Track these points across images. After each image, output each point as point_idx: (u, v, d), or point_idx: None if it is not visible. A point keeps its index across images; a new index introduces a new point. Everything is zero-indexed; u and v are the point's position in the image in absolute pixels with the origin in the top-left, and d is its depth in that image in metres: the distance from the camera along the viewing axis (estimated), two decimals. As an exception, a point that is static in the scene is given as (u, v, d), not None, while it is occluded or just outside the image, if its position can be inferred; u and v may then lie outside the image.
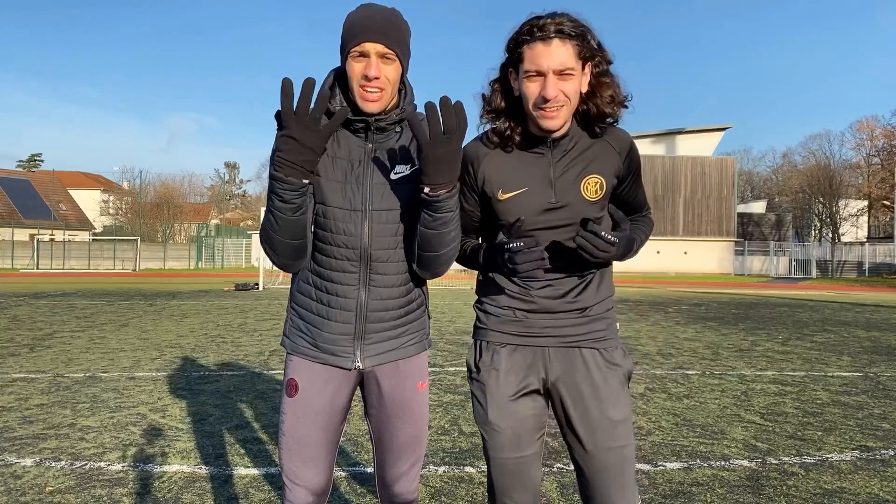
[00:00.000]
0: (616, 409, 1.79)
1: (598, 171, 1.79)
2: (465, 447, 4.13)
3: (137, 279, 27.58)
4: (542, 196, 1.78)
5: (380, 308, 1.83)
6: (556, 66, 1.66)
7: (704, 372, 6.87)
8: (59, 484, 3.41)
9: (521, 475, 1.83)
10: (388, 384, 1.88)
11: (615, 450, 1.78)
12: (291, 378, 1.86)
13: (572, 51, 1.67)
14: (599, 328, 1.85)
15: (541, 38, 1.66)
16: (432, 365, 7.01)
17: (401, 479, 1.91)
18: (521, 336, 1.84)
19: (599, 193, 1.80)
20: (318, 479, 1.86)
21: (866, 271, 40.83)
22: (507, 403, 1.82)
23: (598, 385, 1.80)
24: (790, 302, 18.07)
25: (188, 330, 9.84)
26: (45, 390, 5.62)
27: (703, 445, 4.21)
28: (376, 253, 1.79)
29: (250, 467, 3.71)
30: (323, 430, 1.85)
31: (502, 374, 1.83)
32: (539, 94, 1.68)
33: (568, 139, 1.80)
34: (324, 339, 1.83)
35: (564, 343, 1.82)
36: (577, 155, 1.80)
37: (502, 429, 1.82)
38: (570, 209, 1.78)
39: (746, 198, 66.73)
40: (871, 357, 8.09)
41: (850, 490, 3.45)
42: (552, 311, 1.81)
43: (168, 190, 64.19)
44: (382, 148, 1.81)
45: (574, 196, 1.78)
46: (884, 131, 53.63)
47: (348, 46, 1.70)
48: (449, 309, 13.89)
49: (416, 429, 1.90)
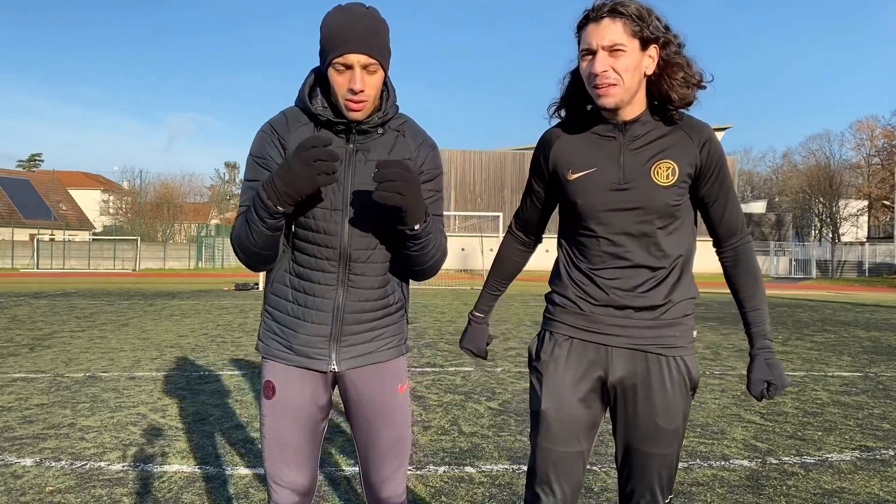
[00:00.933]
0: (668, 419, 1.77)
1: (671, 158, 1.76)
2: (465, 447, 4.13)
3: (137, 279, 27.58)
4: (610, 176, 1.76)
5: (357, 310, 1.81)
6: (606, 42, 1.68)
7: (704, 372, 6.87)
8: (59, 484, 3.41)
9: (565, 468, 1.81)
10: (366, 388, 1.86)
11: (656, 456, 1.79)
12: (268, 380, 1.84)
13: (623, 28, 1.68)
14: (671, 334, 1.79)
15: (593, 20, 1.71)
16: (432, 365, 7.01)
17: (387, 482, 1.90)
18: (585, 331, 1.81)
19: (672, 179, 1.74)
20: (302, 480, 1.85)
21: (866, 271, 40.81)
22: (563, 396, 1.80)
23: (659, 394, 1.77)
24: (790, 302, 18.07)
25: (188, 330, 9.84)
26: (45, 390, 5.62)
27: (703, 445, 4.21)
28: (356, 253, 1.78)
29: (250, 467, 3.71)
30: (303, 430, 1.84)
31: (561, 367, 1.81)
32: (589, 71, 1.71)
33: (640, 124, 1.78)
34: (299, 342, 1.81)
35: (631, 345, 1.78)
36: (650, 141, 1.77)
37: (554, 420, 1.80)
38: (638, 192, 1.74)
39: (746, 198, 66.71)
40: (871, 357, 8.09)
41: (850, 490, 3.45)
42: (619, 305, 1.77)
43: (168, 190, 64.12)
44: (364, 148, 1.79)
45: (643, 179, 1.75)
46: (884, 131, 53.63)
47: (330, 56, 1.68)
48: (449, 309, 13.89)
49: (398, 432, 1.89)
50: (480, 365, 7.03)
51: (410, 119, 1.91)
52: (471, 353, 2.13)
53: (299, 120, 1.80)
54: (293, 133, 1.78)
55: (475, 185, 38.98)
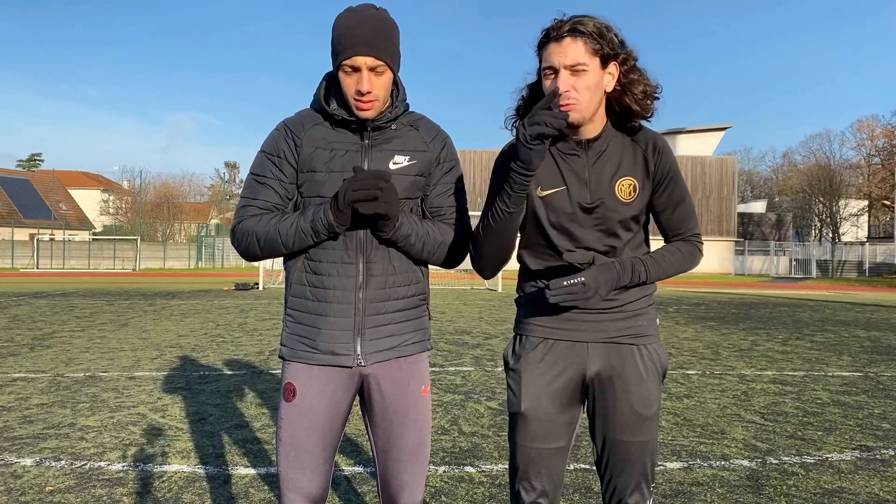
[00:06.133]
0: (645, 405, 1.84)
1: (629, 174, 1.83)
2: (465, 447, 4.13)
3: (137, 279, 27.58)
4: (578, 195, 1.82)
5: (380, 298, 1.82)
6: (568, 62, 1.72)
7: (704, 372, 6.87)
8: (59, 484, 3.41)
9: (545, 464, 1.85)
10: (390, 388, 1.85)
11: (637, 444, 1.84)
12: (289, 382, 1.83)
13: (584, 47, 1.72)
14: (640, 324, 1.87)
15: (554, 39, 1.75)
16: (432, 365, 7.01)
17: (406, 488, 1.87)
18: (559, 330, 1.86)
19: (633, 195, 1.82)
20: (315, 487, 1.82)
21: (866, 271, 40.80)
22: (541, 396, 1.84)
23: (636, 381, 1.84)
24: (790, 302, 18.07)
25: (188, 330, 9.84)
26: (45, 390, 5.62)
27: (703, 445, 4.21)
28: (374, 244, 1.81)
29: (250, 467, 3.71)
30: (321, 437, 1.82)
31: (537, 368, 1.85)
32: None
33: (602, 141, 1.84)
34: (323, 338, 1.81)
35: (605, 338, 1.84)
36: (610, 157, 1.84)
37: (533, 420, 1.84)
38: (605, 209, 1.81)
39: (746, 197, 66.73)
40: (871, 357, 8.09)
41: (850, 490, 3.45)
42: (591, 307, 1.82)
43: (168, 189, 64.15)
44: (379, 144, 1.84)
45: (609, 197, 1.81)
46: (884, 131, 53.57)
47: (339, 59, 1.74)
48: (449, 309, 13.89)
49: (419, 436, 1.87)
50: (480, 365, 7.03)
51: (425, 117, 1.96)
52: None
53: (313, 119, 1.86)
54: (307, 132, 1.84)
55: (475, 185, 38.94)
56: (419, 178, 1.87)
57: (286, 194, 1.86)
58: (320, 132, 1.83)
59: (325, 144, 1.82)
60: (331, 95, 1.86)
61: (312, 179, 1.81)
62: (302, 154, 1.82)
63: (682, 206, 1.89)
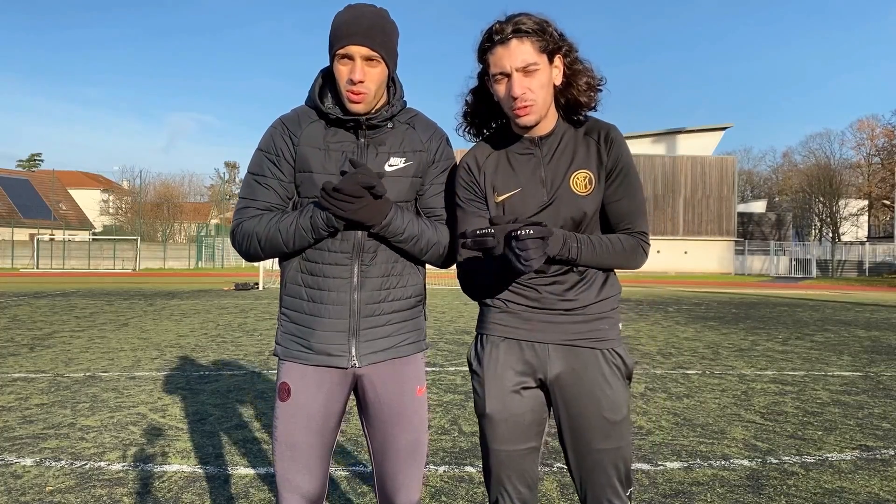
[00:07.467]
0: (613, 410, 1.79)
1: (584, 166, 1.82)
2: (465, 447, 4.13)
3: (137, 279, 27.58)
4: (535, 196, 1.81)
5: (374, 300, 1.81)
6: (519, 64, 1.71)
7: (704, 371, 6.87)
8: (59, 484, 3.41)
9: (518, 467, 1.83)
10: (385, 389, 1.84)
11: (608, 451, 1.79)
12: (283, 382, 1.83)
13: (531, 47, 1.72)
14: (601, 327, 1.83)
15: (500, 42, 1.73)
16: (432, 365, 7.01)
17: (402, 488, 1.86)
18: (519, 330, 1.84)
19: (589, 188, 1.81)
20: (313, 486, 1.82)
21: (866, 271, 40.78)
22: (505, 396, 1.82)
23: (598, 385, 1.79)
24: (790, 301, 18.07)
25: (188, 330, 9.84)
26: (45, 390, 5.62)
27: (703, 445, 4.21)
28: (369, 244, 1.80)
29: (250, 467, 3.71)
30: (317, 436, 1.81)
31: (500, 368, 1.83)
32: (508, 94, 1.74)
33: (554, 136, 1.84)
34: (317, 339, 1.80)
35: (565, 341, 1.82)
36: (564, 151, 1.83)
37: (499, 421, 1.82)
38: (561, 203, 1.80)
39: (746, 197, 66.70)
40: (871, 357, 8.09)
41: (850, 490, 3.45)
42: (552, 308, 1.81)
43: (168, 190, 64.19)
44: (374, 143, 1.83)
45: (565, 191, 1.80)
46: (884, 131, 53.64)
47: (334, 49, 1.74)
48: (449, 309, 13.88)
49: (415, 436, 1.86)
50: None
51: (420, 113, 1.95)
52: None
53: (310, 117, 1.85)
54: (304, 130, 1.83)
55: (475, 185, 38.95)
56: (416, 179, 1.87)
57: (285, 194, 1.85)
58: (317, 131, 1.82)
59: (321, 144, 1.81)
60: (326, 91, 1.85)
61: (310, 180, 1.81)
62: (299, 153, 1.82)
63: (632, 201, 1.83)
